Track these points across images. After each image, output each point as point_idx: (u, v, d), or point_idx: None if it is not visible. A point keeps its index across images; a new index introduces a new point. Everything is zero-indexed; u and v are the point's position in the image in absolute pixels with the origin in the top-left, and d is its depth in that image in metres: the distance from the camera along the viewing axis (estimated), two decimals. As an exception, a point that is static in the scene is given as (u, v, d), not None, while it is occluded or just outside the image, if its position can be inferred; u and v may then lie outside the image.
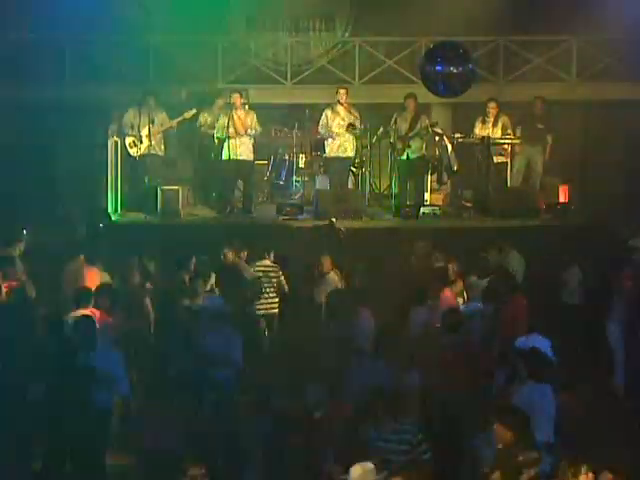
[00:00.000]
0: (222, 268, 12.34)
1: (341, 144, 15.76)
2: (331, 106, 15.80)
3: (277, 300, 12.57)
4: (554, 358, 9.32)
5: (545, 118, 16.12)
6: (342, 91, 15.74)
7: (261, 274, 12.50)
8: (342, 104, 15.70)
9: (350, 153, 15.88)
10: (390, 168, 16.12)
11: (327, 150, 15.92)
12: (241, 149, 15.33)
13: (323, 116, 15.78)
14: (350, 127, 15.62)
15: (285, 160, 16.50)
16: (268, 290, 12.48)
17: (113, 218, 15.19)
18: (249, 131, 15.33)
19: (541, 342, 9.54)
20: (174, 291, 11.61)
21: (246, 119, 15.36)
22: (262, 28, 18.44)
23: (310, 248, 13.14)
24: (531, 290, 12.59)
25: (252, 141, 15.50)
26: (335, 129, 15.64)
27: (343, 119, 15.69)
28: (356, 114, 15.73)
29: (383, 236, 14.21)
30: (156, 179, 15.47)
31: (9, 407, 8.68)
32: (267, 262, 12.63)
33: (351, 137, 15.74)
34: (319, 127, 15.87)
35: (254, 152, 15.61)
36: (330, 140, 15.77)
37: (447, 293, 11.21)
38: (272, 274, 12.51)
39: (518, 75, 17.35)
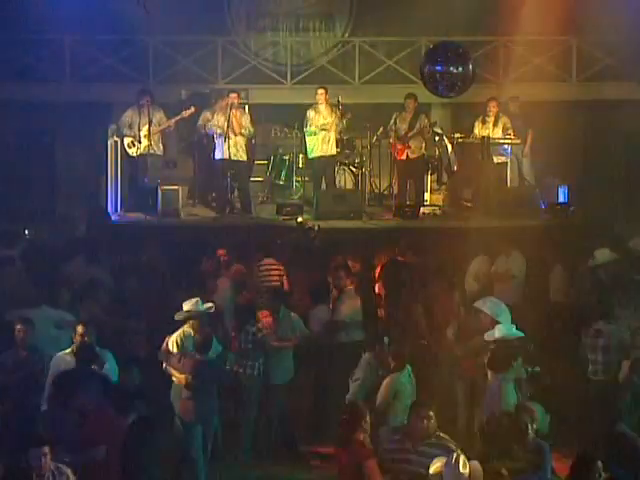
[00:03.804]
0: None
1: (324, 143, 15.68)
2: (313, 106, 15.75)
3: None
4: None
5: (523, 116, 16.26)
6: (320, 91, 15.66)
7: (265, 272, 12.51)
8: (323, 104, 15.64)
9: (332, 151, 15.81)
10: (390, 168, 16.12)
11: (309, 151, 15.82)
12: (235, 149, 15.34)
13: (306, 117, 15.69)
14: (344, 116, 15.60)
15: (285, 160, 16.49)
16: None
17: (113, 218, 15.20)
18: (243, 131, 15.34)
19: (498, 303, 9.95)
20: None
21: (241, 119, 15.37)
22: (262, 28, 18.46)
23: None
24: (530, 290, 12.66)
25: (246, 141, 15.51)
26: (320, 124, 15.58)
27: (325, 117, 15.65)
28: (338, 113, 15.68)
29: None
30: (156, 179, 15.46)
31: None
32: (271, 260, 12.64)
33: (333, 136, 15.67)
34: (305, 128, 15.74)
35: (249, 152, 15.63)
36: (313, 138, 15.68)
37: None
38: (275, 272, 12.52)
39: (518, 75, 17.34)
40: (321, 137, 15.67)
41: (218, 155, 15.43)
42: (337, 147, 15.90)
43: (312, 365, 11.18)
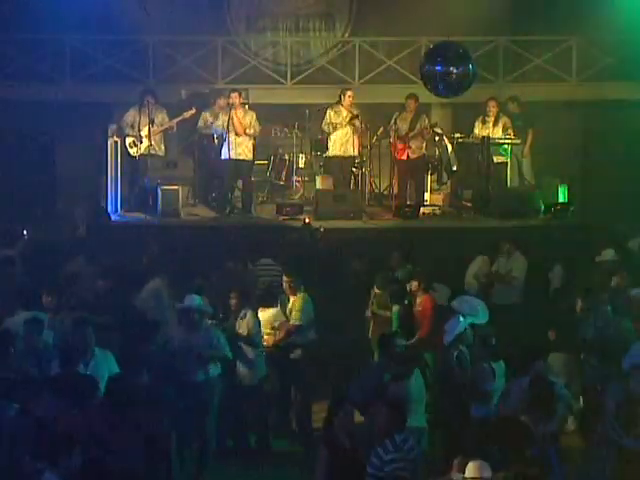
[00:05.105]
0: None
1: (343, 143, 15.76)
2: (333, 106, 15.82)
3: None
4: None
5: (523, 115, 16.30)
6: (349, 93, 15.74)
7: (264, 272, 12.50)
8: (344, 105, 15.72)
9: (352, 152, 15.87)
10: (390, 168, 16.12)
11: (329, 149, 15.93)
12: (240, 149, 15.34)
13: (326, 115, 15.79)
14: (355, 118, 15.62)
15: (285, 160, 16.49)
16: None
17: (113, 218, 15.20)
18: (248, 130, 15.33)
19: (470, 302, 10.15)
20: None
21: (245, 118, 15.36)
22: (262, 28, 18.46)
23: None
24: (530, 290, 12.66)
25: (252, 141, 15.51)
26: (338, 124, 15.65)
27: (345, 119, 15.71)
28: (357, 112, 15.76)
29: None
30: (156, 179, 15.46)
31: None
32: (269, 260, 12.63)
33: (354, 136, 15.72)
34: (322, 125, 15.87)
35: (253, 152, 15.63)
36: (333, 137, 15.76)
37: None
38: (274, 272, 12.51)
39: (518, 75, 17.35)
40: (339, 137, 15.73)
41: (224, 155, 15.42)
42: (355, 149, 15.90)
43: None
